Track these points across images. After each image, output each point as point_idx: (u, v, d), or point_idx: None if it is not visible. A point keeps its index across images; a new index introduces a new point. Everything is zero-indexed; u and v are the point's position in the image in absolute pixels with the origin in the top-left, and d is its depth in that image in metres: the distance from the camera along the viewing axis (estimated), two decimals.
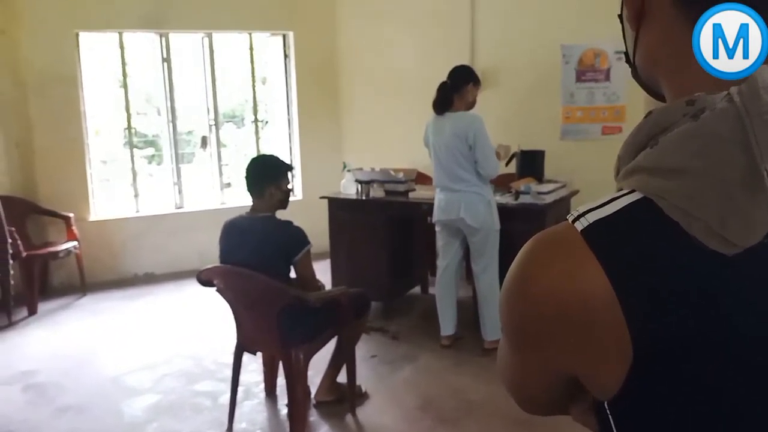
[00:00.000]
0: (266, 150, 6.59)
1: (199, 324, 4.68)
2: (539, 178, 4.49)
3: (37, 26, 5.41)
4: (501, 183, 4.38)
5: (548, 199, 4.11)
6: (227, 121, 9.18)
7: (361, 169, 4.85)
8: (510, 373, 0.74)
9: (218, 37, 6.25)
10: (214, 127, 6.30)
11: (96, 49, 6.90)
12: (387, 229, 4.56)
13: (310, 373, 3.15)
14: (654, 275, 0.56)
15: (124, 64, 5.95)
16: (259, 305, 2.97)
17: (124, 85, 6.03)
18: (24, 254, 4.90)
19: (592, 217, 0.60)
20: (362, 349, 3.82)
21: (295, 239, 2.96)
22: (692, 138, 0.57)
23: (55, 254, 5.25)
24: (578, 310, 0.58)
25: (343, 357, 3.32)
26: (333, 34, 6.43)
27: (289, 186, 3.15)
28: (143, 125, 8.44)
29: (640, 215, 0.58)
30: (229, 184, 6.46)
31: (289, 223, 3.01)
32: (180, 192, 6.21)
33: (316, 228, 4.54)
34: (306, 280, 3.02)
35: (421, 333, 4.31)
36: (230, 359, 3.19)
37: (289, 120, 6.57)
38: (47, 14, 5.41)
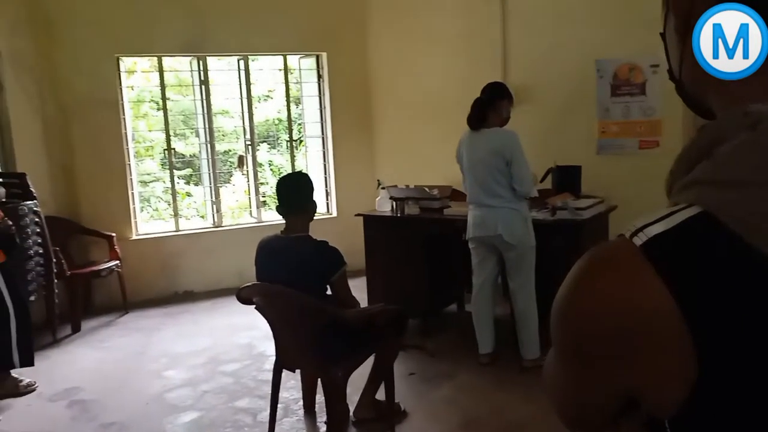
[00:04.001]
0: (302, 169, 6.67)
1: (239, 341, 4.72)
2: (576, 194, 4.45)
3: (78, 51, 5.59)
4: (537, 199, 4.35)
5: (586, 214, 4.07)
6: (262, 141, 9.33)
7: (395, 186, 4.87)
8: (561, 391, 0.72)
9: (253, 58, 6.36)
10: (250, 147, 6.39)
11: (136, 73, 7.09)
12: (422, 246, 4.56)
13: (348, 390, 3.16)
14: (719, 290, 0.55)
15: (163, 87, 6.10)
16: (298, 323, 2.99)
17: (164, 108, 6.17)
18: (68, 273, 5.03)
19: (651, 232, 0.58)
20: (400, 367, 3.81)
21: (331, 261, 2.97)
22: (751, 150, 0.57)
23: (98, 273, 5.38)
24: (640, 327, 0.57)
25: (382, 374, 3.32)
26: (365, 54, 6.51)
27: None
28: (182, 146, 8.63)
29: (701, 229, 0.57)
30: (265, 203, 6.54)
31: (325, 243, 3.01)
32: (218, 211, 6.31)
33: (352, 245, 4.57)
34: (343, 299, 3.02)
35: (459, 350, 4.28)
36: (269, 376, 3.21)
37: (323, 139, 6.64)
38: (88, 39, 5.58)
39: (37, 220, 4.66)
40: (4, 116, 5.09)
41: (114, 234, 5.59)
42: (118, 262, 5.49)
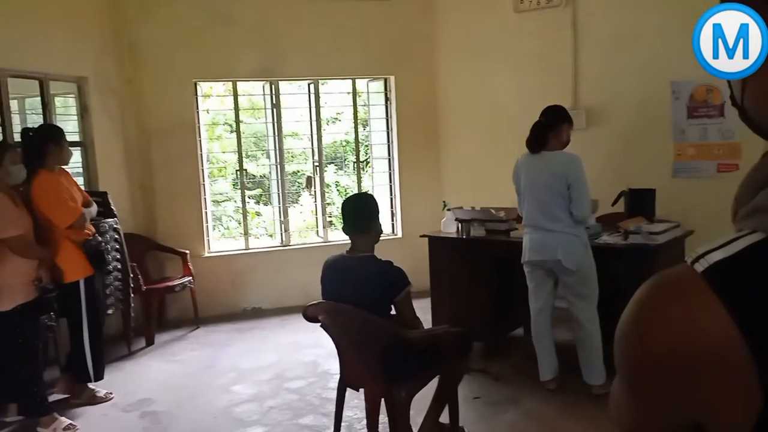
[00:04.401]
0: (368, 190, 6.74)
1: (304, 359, 4.78)
2: (650, 218, 4.31)
3: (159, 76, 5.87)
4: (609, 223, 4.24)
5: (661, 239, 3.94)
6: (330, 163, 9.50)
7: (461, 207, 4.85)
8: (626, 419, 0.71)
9: (323, 82, 6.52)
10: (318, 168, 6.52)
11: (211, 96, 7.36)
12: (488, 268, 4.51)
13: (412, 412, 3.13)
14: None
15: (237, 110, 6.31)
16: (363, 342, 3.00)
17: (237, 130, 6.38)
18: (144, 288, 5.23)
19: (712, 258, 0.58)
20: (465, 390, 3.76)
21: (395, 280, 2.97)
22: None
23: (172, 288, 5.57)
24: (702, 355, 0.56)
25: (446, 397, 3.28)
26: (433, 76, 6.55)
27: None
28: (253, 167, 8.89)
29: (763, 256, 0.57)
30: (331, 223, 6.64)
31: (390, 263, 3.02)
32: (286, 230, 6.44)
33: (417, 266, 4.57)
34: (407, 319, 3.02)
35: (525, 375, 4.18)
36: (333, 394, 3.23)
37: (389, 160, 6.70)
38: (169, 65, 5.86)
39: (116, 236, 4.87)
40: (88, 137, 5.38)
41: (187, 251, 5.79)
42: (190, 278, 5.68)
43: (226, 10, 5.95)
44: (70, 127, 5.36)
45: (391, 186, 6.71)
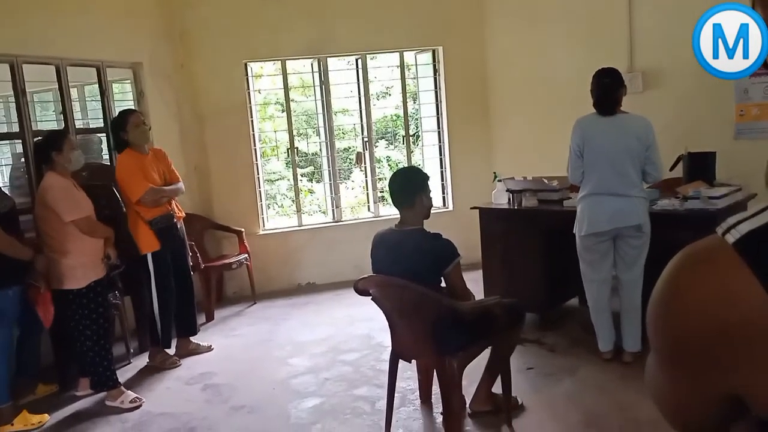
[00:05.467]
0: (418, 163, 6.73)
1: (357, 332, 4.85)
2: (710, 182, 4.15)
3: (211, 59, 5.98)
4: (667, 187, 4.12)
5: (721, 204, 3.79)
6: (380, 138, 9.50)
7: (512, 178, 4.78)
8: (663, 394, 0.71)
9: (371, 56, 6.50)
10: (368, 144, 6.53)
11: (262, 77, 7.44)
12: (541, 238, 4.45)
13: (464, 382, 3.14)
14: None
15: (286, 89, 6.37)
16: (414, 314, 3.02)
17: (287, 109, 6.45)
18: (203, 266, 5.38)
19: (743, 229, 0.57)
20: (518, 361, 3.75)
21: (445, 252, 2.97)
22: None
23: (229, 266, 5.72)
24: (735, 327, 0.56)
25: (498, 367, 3.28)
26: (482, 45, 6.43)
27: (432, 194, 3.18)
28: (304, 145, 8.99)
29: None
30: (382, 198, 6.66)
31: (439, 235, 3.02)
32: (337, 206, 6.50)
33: (468, 239, 4.55)
34: (457, 291, 3.02)
35: (581, 346, 4.14)
36: (386, 366, 3.26)
37: (439, 133, 6.65)
38: (219, 48, 5.95)
39: None
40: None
41: (243, 229, 5.92)
42: (247, 255, 5.81)
43: None
44: None
45: (441, 159, 6.67)
